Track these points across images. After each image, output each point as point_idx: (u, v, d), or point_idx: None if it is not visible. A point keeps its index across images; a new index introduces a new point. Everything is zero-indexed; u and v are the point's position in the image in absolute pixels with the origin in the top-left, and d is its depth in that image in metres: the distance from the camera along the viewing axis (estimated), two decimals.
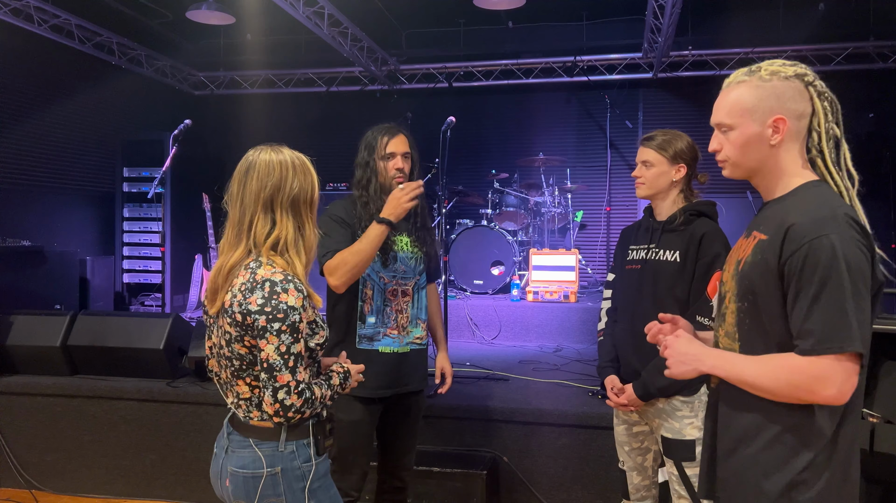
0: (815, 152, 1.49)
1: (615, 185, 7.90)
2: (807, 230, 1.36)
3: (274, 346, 1.62)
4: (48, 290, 5.38)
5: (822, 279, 1.32)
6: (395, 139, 2.53)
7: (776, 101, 1.47)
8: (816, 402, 1.34)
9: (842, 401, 1.33)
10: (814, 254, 1.34)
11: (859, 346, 1.31)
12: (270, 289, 1.64)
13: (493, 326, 5.72)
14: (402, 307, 2.53)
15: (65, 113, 6.69)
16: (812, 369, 1.33)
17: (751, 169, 1.54)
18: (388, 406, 2.54)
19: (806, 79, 1.48)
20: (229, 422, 1.80)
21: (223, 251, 1.76)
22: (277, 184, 1.72)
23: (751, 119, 1.49)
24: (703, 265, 2.23)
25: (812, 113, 1.48)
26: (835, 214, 1.37)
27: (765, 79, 1.49)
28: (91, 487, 3.84)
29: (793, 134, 1.48)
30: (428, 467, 3.21)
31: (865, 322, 1.33)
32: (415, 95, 8.16)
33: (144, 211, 7.07)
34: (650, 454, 2.42)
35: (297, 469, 1.72)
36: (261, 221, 1.71)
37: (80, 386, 3.89)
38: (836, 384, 1.31)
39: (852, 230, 1.35)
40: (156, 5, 6.97)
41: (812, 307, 1.33)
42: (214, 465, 1.82)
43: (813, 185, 1.47)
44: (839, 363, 1.31)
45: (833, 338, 1.31)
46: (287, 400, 1.64)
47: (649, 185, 2.36)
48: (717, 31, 7.19)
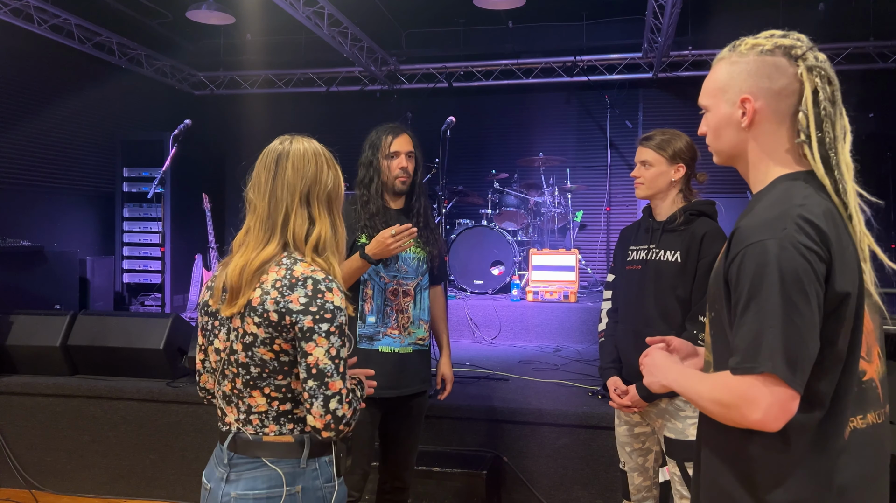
0: (803, 136, 1.28)
1: (615, 185, 7.90)
2: (746, 234, 1.23)
3: (324, 350, 1.46)
4: (48, 290, 5.38)
5: (750, 291, 1.19)
6: (399, 138, 2.53)
7: (746, 77, 1.32)
8: (747, 426, 1.19)
9: (771, 426, 1.17)
10: (747, 261, 1.20)
11: (773, 368, 1.14)
12: (314, 288, 1.48)
13: (493, 326, 5.72)
14: (403, 307, 2.53)
15: (65, 113, 6.69)
16: (739, 389, 1.19)
17: (728, 154, 1.40)
18: (390, 407, 2.53)
19: (794, 51, 1.29)
20: (229, 448, 1.55)
21: (244, 247, 1.57)
22: (314, 176, 1.57)
23: (723, 99, 1.35)
24: (704, 265, 2.23)
25: (800, 90, 1.29)
26: (783, 215, 1.21)
27: (742, 54, 1.33)
28: (91, 487, 3.84)
29: (769, 116, 1.31)
30: (428, 467, 3.21)
31: (798, 342, 1.15)
32: (415, 95, 8.16)
33: (144, 211, 7.07)
34: (651, 455, 2.42)
35: (318, 489, 1.54)
36: (299, 217, 1.55)
37: (80, 386, 3.89)
38: (760, 407, 1.16)
39: (801, 234, 1.18)
40: (156, 5, 6.97)
41: (740, 320, 1.20)
42: (210, 500, 1.57)
43: (786, 178, 1.30)
44: (764, 385, 1.15)
45: (749, 358, 1.17)
46: (339, 410, 1.47)
47: (648, 185, 2.36)
48: (717, 31, 7.19)
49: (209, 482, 1.59)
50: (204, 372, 1.68)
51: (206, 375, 1.68)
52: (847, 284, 1.21)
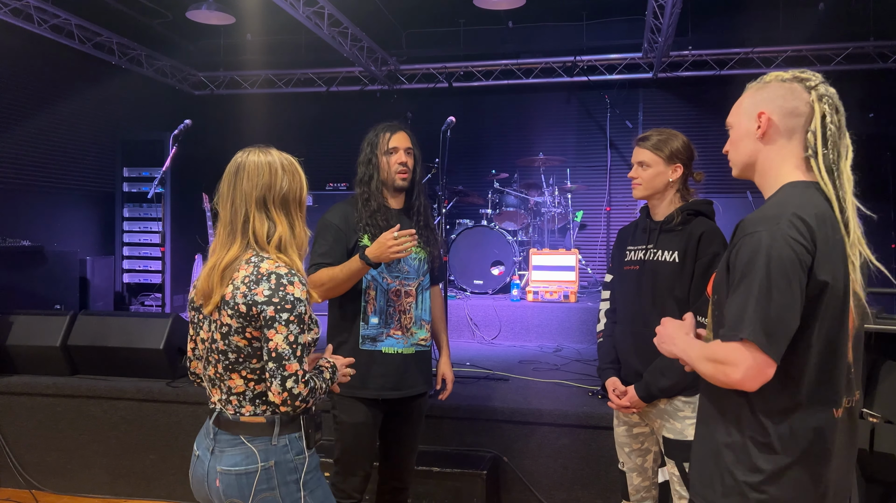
0: (810, 152, 1.51)
1: (615, 185, 7.90)
2: (745, 226, 1.46)
3: (283, 336, 1.67)
4: (48, 290, 5.38)
5: (743, 272, 1.41)
6: (397, 135, 2.53)
7: (764, 97, 1.56)
8: (730, 386, 1.42)
9: (748, 386, 1.39)
10: (743, 249, 1.43)
11: (752, 335, 1.37)
12: (277, 281, 1.69)
13: (493, 326, 5.72)
14: (405, 308, 2.52)
15: (65, 113, 6.69)
16: (722, 353, 1.42)
17: (744, 164, 1.61)
18: (392, 408, 2.53)
19: (808, 83, 1.52)
20: (214, 424, 1.81)
21: (214, 251, 1.79)
22: (268, 183, 1.77)
23: (744, 116, 1.59)
24: (702, 265, 2.22)
25: (810, 114, 1.51)
26: (780, 213, 1.43)
27: (766, 82, 1.58)
28: (91, 487, 3.84)
29: (781, 131, 1.53)
30: (428, 467, 3.21)
31: (776, 317, 1.37)
32: (415, 95, 8.16)
33: (144, 211, 7.07)
34: (650, 455, 2.42)
35: (290, 462, 1.76)
36: (258, 221, 1.76)
37: (80, 386, 3.89)
38: (740, 369, 1.38)
39: (791, 229, 1.40)
40: (156, 5, 6.97)
41: (731, 297, 1.43)
42: (198, 468, 1.82)
43: (792, 185, 1.51)
44: (745, 349, 1.38)
45: (735, 327, 1.40)
46: (295, 388, 1.68)
47: (646, 185, 2.35)
48: (717, 31, 7.19)
49: (198, 450, 1.85)
50: (194, 358, 1.92)
51: (196, 362, 1.91)
52: (827, 275, 1.41)
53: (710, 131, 7.02)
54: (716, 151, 7.50)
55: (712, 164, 4.21)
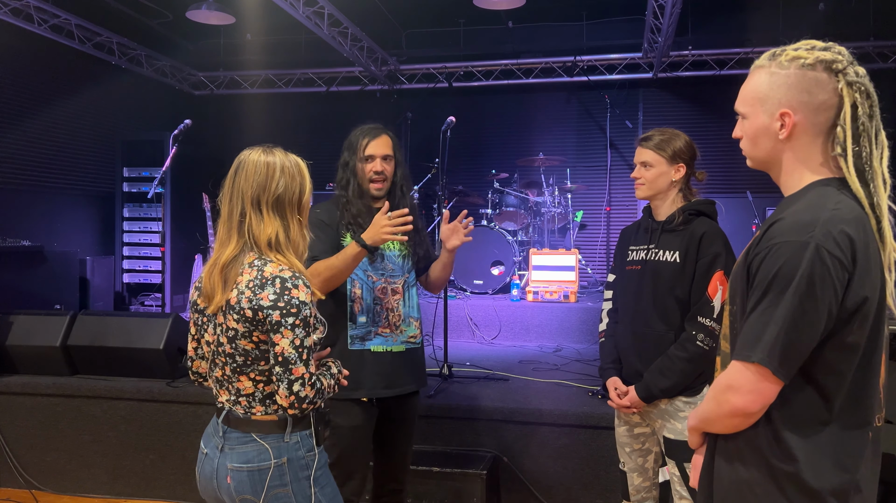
0: (839, 150, 1.32)
1: (615, 185, 7.90)
2: (776, 232, 1.29)
3: (289, 341, 1.68)
4: (48, 290, 5.37)
5: (767, 286, 1.26)
6: (375, 141, 2.48)
7: (787, 91, 1.34)
8: (731, 414, 1.29)
9: (749, 410, 1.27)
10: (770, 258, 1.27)
11: (766, 361, 1.23)
12: (282, 286, 1.69)
13: (493, 326, 5.72)
14: (392, 305, 2.51)
15: (65, 113, 6.68)
16: (725, 379, 1.30)
17: (762, 161, 1.44)
18: (385, 407, 2.52)
19: (835, 66, 1.32)
20: (223, 422, 1.80)
21: (215, 248, 1.81)
22: (263, 183, 1.76)
23: (761, 109, 1.39)
24: (703, 265, 2.22)
25: (839, 104, 1.32)
26: (814, 220, 1.26)
27: (783, 65, 1.36)
28: (91, 487, 3.84)
29: (807, 129, 1.34)
30: (428, 467, 3.21)
31: (796, 341, 1.23)
32: (415, 95, 8.16)
33: (144, 211, 7.07)
34: (651, 455, 2.42)
35: (301, 459, 1.77)
36: (254, 219, 1.76)
37: (80, 386, 3.89)
38: (741, 393, 1.26)
39: (829, 241, 1.23)
40: (156, 5, 6.97)
41: (751, 311, 1.29)
42: (206, 466, 1.81)
43: (819, 184, 1.34)
44: (749, 372, 1.26)
45: (750, 346, 1.26)
46: (302, 391, 1.69)
47: (649, 185, 2.35)
48: (717, 31, 7.19)
49: (206, 447, 1.84)
50: (197, 358, 1.92)
51: (199, 361, 1.91)
52: (867, 289, 1.26)
53: (710, 131, 7.03)
54: (716, 151, 7.56)
55: (713, 164, 4.20)
